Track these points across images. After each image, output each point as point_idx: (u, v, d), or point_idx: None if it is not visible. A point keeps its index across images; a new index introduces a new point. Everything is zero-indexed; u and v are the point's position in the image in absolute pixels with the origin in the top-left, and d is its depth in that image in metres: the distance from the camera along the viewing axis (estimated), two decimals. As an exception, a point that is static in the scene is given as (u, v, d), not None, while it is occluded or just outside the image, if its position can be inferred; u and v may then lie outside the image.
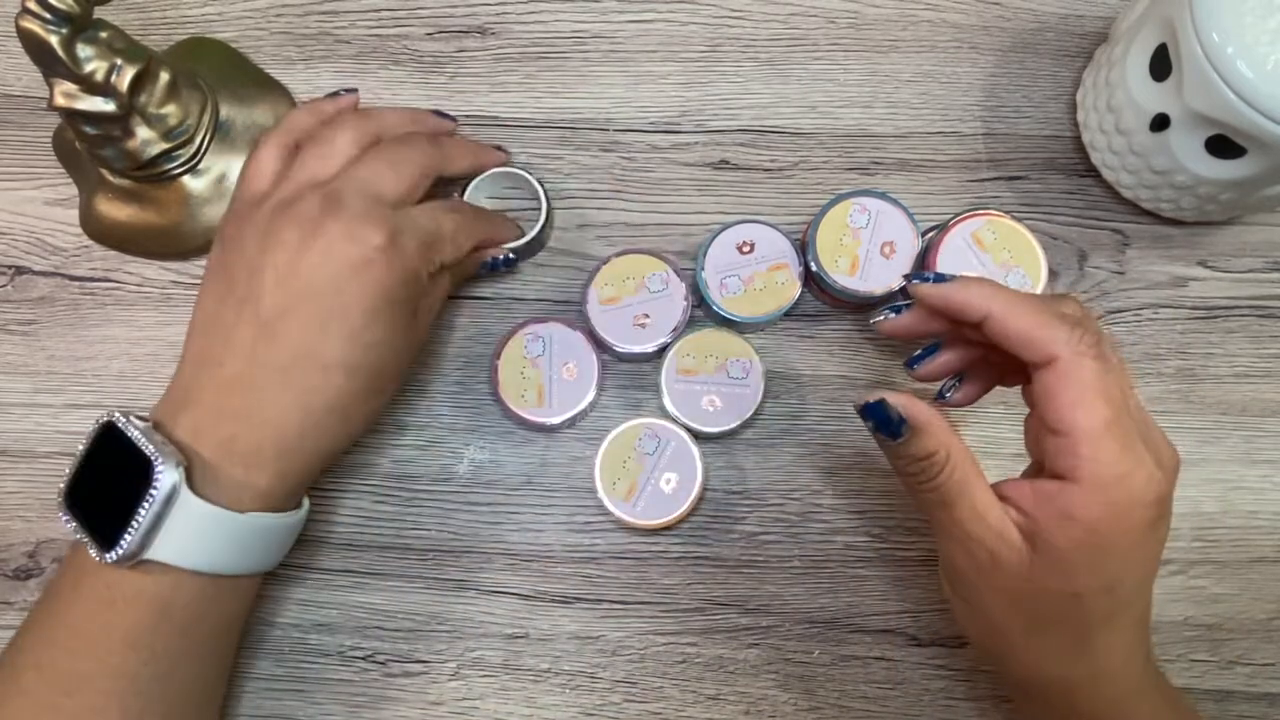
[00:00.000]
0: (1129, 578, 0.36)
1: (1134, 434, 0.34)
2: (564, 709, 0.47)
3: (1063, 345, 0.34)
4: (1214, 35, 0.40)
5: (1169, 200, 0.48)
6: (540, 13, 0.54)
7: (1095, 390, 0.34)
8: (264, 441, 0.39)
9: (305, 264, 0.39)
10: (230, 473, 0.38)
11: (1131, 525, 0.34)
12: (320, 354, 0.39)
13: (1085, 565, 0.35)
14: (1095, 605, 0.36)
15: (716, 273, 0.48)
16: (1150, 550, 0.36)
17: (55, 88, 0.45)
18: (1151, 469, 0.34)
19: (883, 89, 0.53)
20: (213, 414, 0.39)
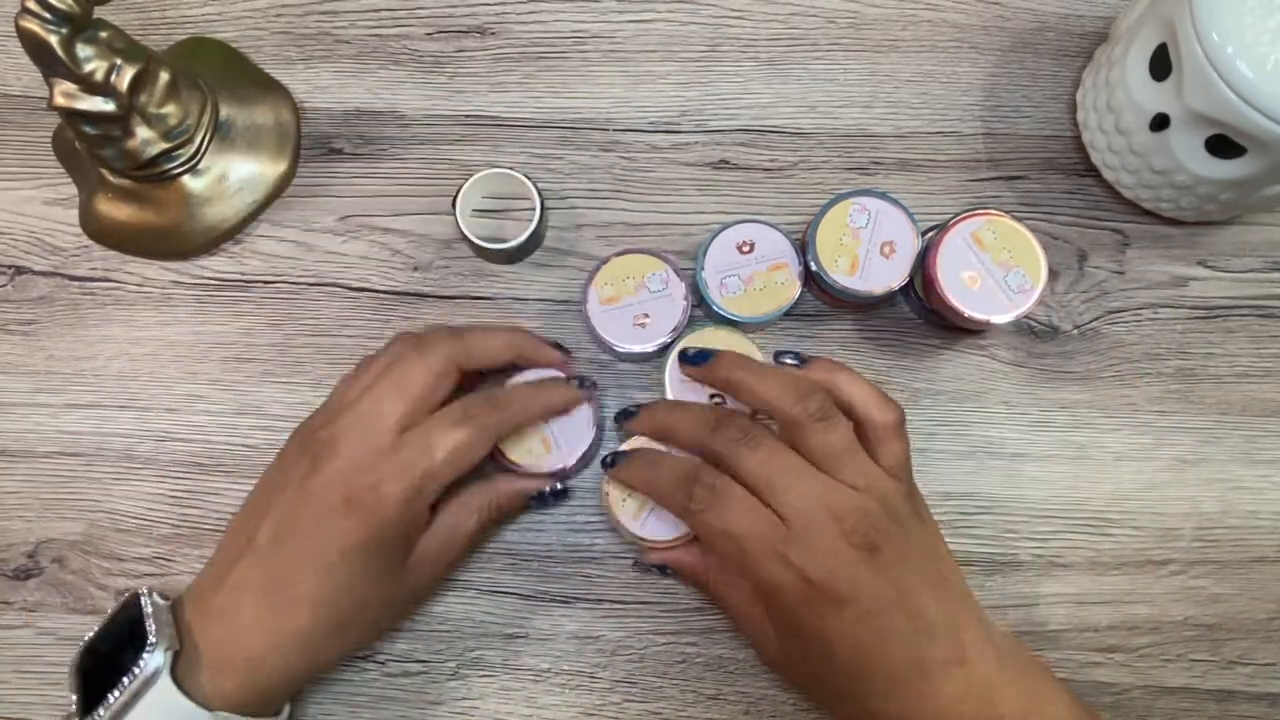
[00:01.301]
0: (840, 660, 0.39)
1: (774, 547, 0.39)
2: (564, 709, 0.47)
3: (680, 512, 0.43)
4: (1214, 35, 0.40)
5: (1169, 200, 0.48)
6: (540, 13, 0.54)
7: (716, 534, 0.41)
8: (236, 653, 0.40)
9: (300, 501, 0.41)
10: (207, 671, 0.39)
11: (807, 621, 0.39)
12: (293, 585, 0.40)
13: (798, 649, 0.41)
14: (829, 678, 0.40)
15: (716, 272, 0.48)
16: (857, 633, 0.39)
17: (55, 88, 0.45)
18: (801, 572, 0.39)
19: (883, 89, 0.53)
20: (208, 611, 0.41)
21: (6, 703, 0.48)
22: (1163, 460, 0.50)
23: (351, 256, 0.52)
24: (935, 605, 0.40)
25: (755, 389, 0.43)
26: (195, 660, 0.39)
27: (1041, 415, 0.50)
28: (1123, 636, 0.48)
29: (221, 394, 0.50)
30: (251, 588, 0.40)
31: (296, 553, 0.40)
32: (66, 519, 0.49)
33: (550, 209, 0.51)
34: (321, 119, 0.53)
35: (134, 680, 0.38)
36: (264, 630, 0.40)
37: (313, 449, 0.41)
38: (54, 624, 0.48)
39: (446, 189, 0.51)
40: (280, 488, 0.41)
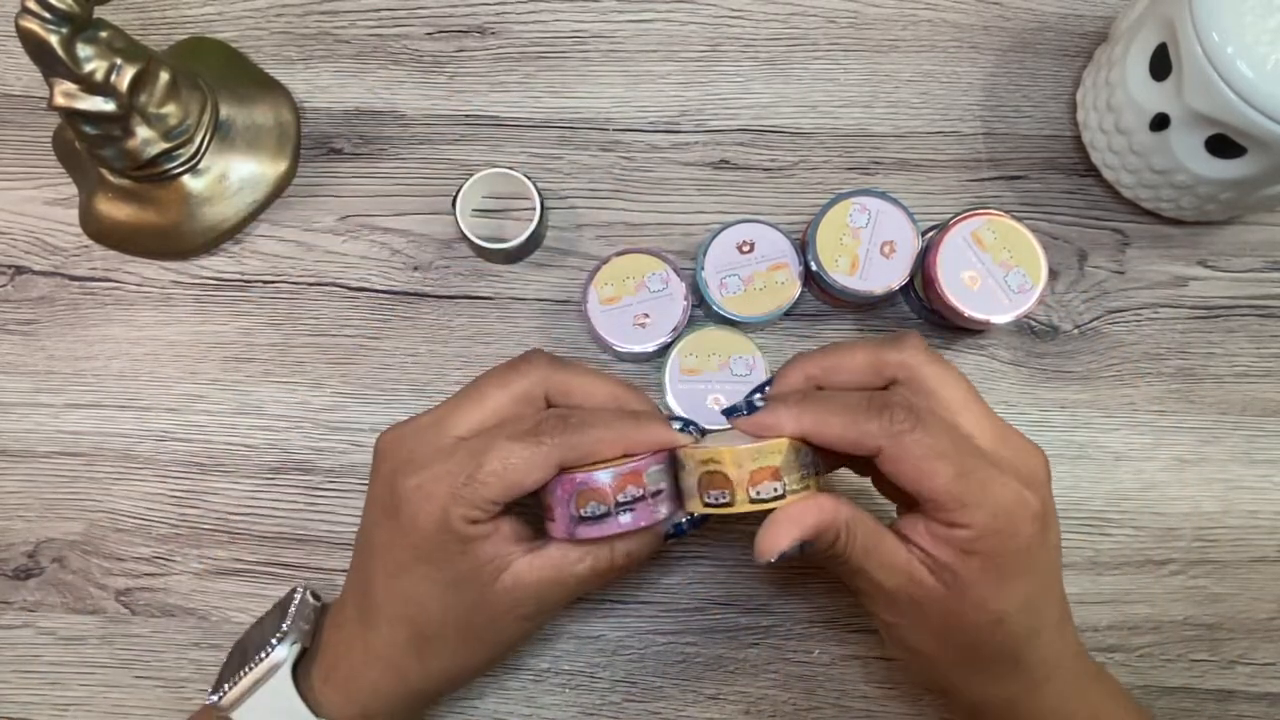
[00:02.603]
0: (1038, 592, 0.37)
1: (987, 468, 0.35)
2: (564, 708, 0.47)
3: (878, 437, 0.35)
4: (1214, 35, 0.40)
5: (1169, 200, 0.48)
6: (540, 12, 0.54)
7: (928, 458, 0.35)
8: (339, 661, 0.40)
9: (367, 503, 0.40)
10: (319, 677, 0.40)
11: (1021, 545, 0.36)
12: (371, 593, 0.39)
13: (996, 592, 0.36)
14: (1017, 625, 0.37)
15: (716, 272, 0.48)
16: (1047, 559, 0.37)
17: (55, 87, 0.45)
18: (1018, 490, 0.35)
19: (883, 89, 0.53)
20: (333, 619, 0.41)
21: (6, 703, 0.48)
22: (1163, 460, 0.50)
23: (351, 256, 0.52)
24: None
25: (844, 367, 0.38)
26: (314, 663, 0.40)
27: (1041, 415, 0.50)
28: (1123, 636, 0.48)
29: (221, 394, 0.50)
30: (351, 596, 0.41)
31: (369, 559, 0.39)
32: (66, 519, 0.49)
33: (550, 209, 0.51)
34: (321, 119, 0.53)
35: (256, 665, 0.39)
36: (357, 642, 0.39)
37: (379, 449, 0.40)
38: (54, 624, 0.48)
39: (446, 189, 0.51)
40: (368, 492, 0.41)
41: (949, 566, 0.36)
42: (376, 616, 0.39)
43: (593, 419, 0.37)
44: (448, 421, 0.38)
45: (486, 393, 0.39)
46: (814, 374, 0.39)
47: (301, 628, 0.40)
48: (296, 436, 0.50)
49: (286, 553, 0.49)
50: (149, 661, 0.48)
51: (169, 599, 0.49)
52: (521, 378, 0.39)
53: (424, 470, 0.37)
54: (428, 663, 0.39)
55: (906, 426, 0.35)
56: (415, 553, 0.37)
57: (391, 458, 0.39)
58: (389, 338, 0.51)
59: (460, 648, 0.39)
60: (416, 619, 0.38)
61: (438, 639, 0.39)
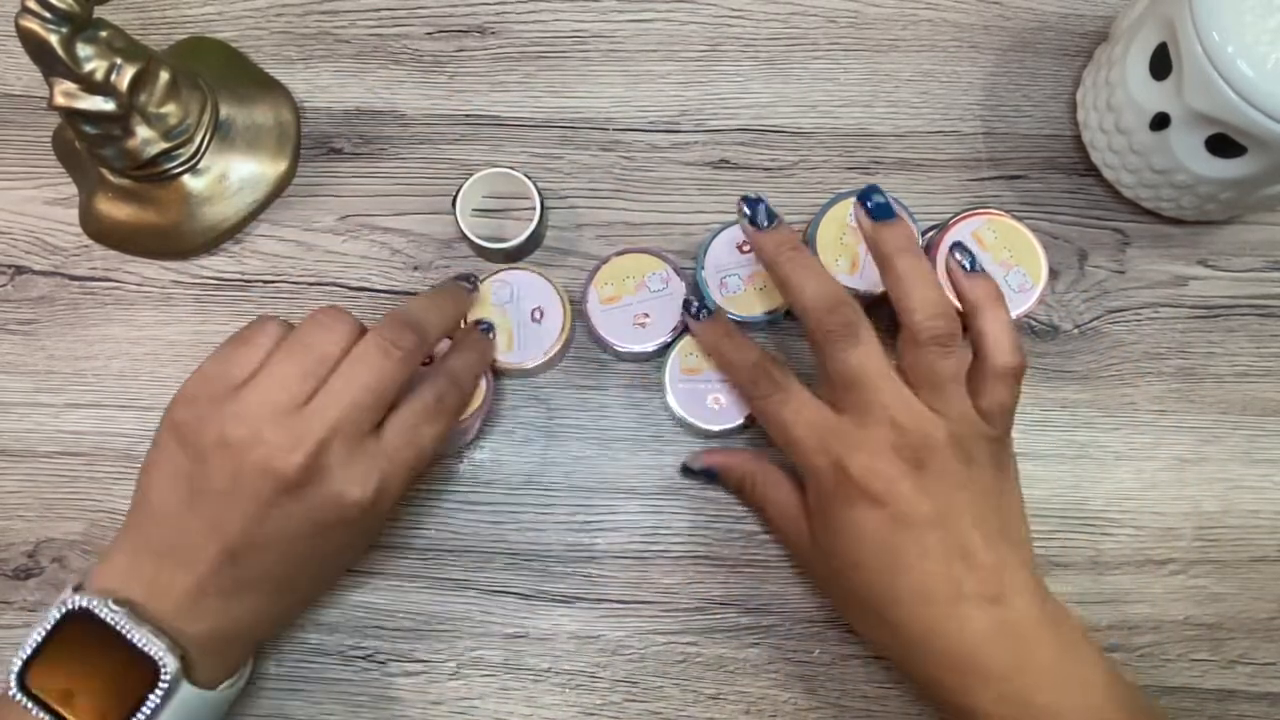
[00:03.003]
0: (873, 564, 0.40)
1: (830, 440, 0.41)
2: (564, 708, 0.47)
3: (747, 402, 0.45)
4: (1214, 34, 0.40)
5: (1169, 199, 0.48)
6: (540, 12, 0.54)
7: (772, 420, 0.43)
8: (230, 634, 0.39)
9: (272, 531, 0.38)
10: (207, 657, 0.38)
11: (845, 518, 0.40)
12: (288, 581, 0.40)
13: (831, 551, 0.41)
14: (858, 586, 0.40)
15: (717, 272, 0.48)
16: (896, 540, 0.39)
17: (55, 87, 0.45)
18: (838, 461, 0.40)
19: (883, 88, 0.53)
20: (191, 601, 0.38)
21: (6, 703, 0.48)
22: (1163, 460, 0.50)
23: (351, 256, 0.52)
24: (981, 541, 0.39)
25: (905, 285, 0.41)
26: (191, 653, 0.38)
27: (1042, 415, 0.50)
28: (1123, 636, 0.48)
29: (221, 394, 0.50)
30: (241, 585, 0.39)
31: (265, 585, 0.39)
32: (66, 519, 0.49)
33: (550, 209, 0.51)
34: (321, 119, 0.53)
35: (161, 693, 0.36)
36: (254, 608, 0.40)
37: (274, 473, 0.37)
38: (54, 624, 0.48)
39: (446, 189, 0.51)
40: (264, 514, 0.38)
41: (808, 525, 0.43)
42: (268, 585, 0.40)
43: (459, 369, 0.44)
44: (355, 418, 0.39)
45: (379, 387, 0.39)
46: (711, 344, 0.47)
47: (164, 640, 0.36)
48: (296, 436, 0.50)
49: (286, 553, 0.49)
50: (149, 661, 0.48)
51: (169, 599, 0.49)
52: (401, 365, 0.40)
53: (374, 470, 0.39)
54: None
55: (761, 394, 0.43)
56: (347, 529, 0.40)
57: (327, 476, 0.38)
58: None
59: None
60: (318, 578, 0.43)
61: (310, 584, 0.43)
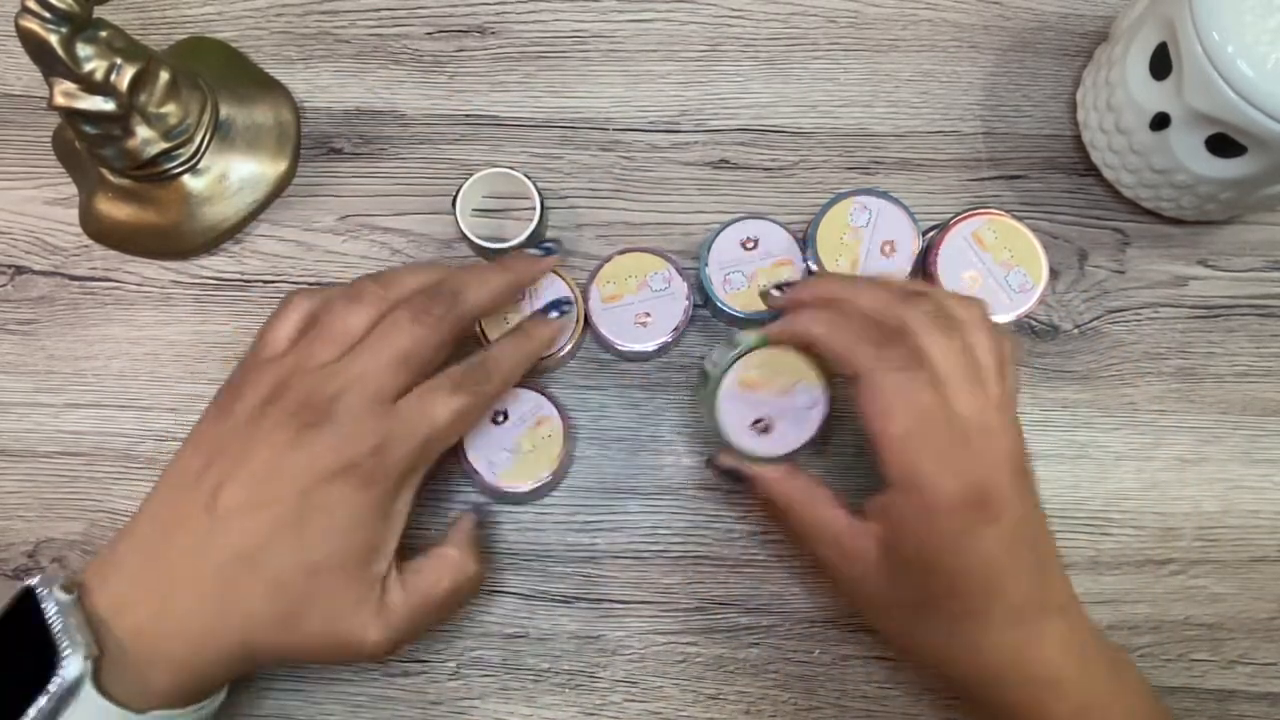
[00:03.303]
0: (969, 579, 0.37)
1: (945, 442, 0.36)
2: (564, 708, 0.47)
3: (864, 361, 0.37)
4: (1214, 34, 0.40)
5: (1169, 199, 0.48)
6: (540, 12, 0.54)
7: (896, 401, 0.36)
8: (173, 640, 0.36)
9: (282, 469, 0.37)
10: (133, 669, 0.35)
11: (952, 529, 0.36)
12: (257, 562, 0.36)
13: (920, 564, 0.37)
14: (943, 604, 0.38)
15: (720, 269, 0.48)
16: (993, 551, 0.37)
17: (55, 87, 0.45)
18: (966, 475, 0.36)
19: (883, 88, 0.53)
20: (134, 591, 0.36)
21: (6, 703, 0.48)
22: (1163, 460, 0.50)
23: (351, 256, 0.52)
24: (1051, 550, 0.39)
25: (855, 299, 0.39)
26: (119, 659, 0.35)
27: (1042, 415, 0.50)
28: (1123, 636, 0.48)
29: (221, 394, 0.50)
30: (204, 563, 0.36)
31: (269, 525, 0.36)
32: (66, 519, 0.49)
33: (550, 209, 0.51)
34: (321, 119, 0.53)
35: (50, 699, 0.33)
36: (207, 616, 0.36)
37: (294, 412, 0.37)
38: (54, 624, 0.48)
39: (446, 189, 0.51)
40: (245, 454, 0.37)
41: (887, 539, 0.38)
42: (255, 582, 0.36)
43: (500, 359, 0.41)
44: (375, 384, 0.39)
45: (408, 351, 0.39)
46: (826, 296, 0.41)
47: (82, 637, 0.34)
48: (296, 436, 0.50)
49: (286, 553, 0.49)
50: (149, 661, 0.48)
51: (169, 599, 0.49)
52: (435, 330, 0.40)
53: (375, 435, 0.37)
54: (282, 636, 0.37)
55: (894, 365, 0.37)
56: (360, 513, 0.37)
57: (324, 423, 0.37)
58: None
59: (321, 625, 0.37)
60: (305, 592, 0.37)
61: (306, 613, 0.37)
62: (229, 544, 0.36)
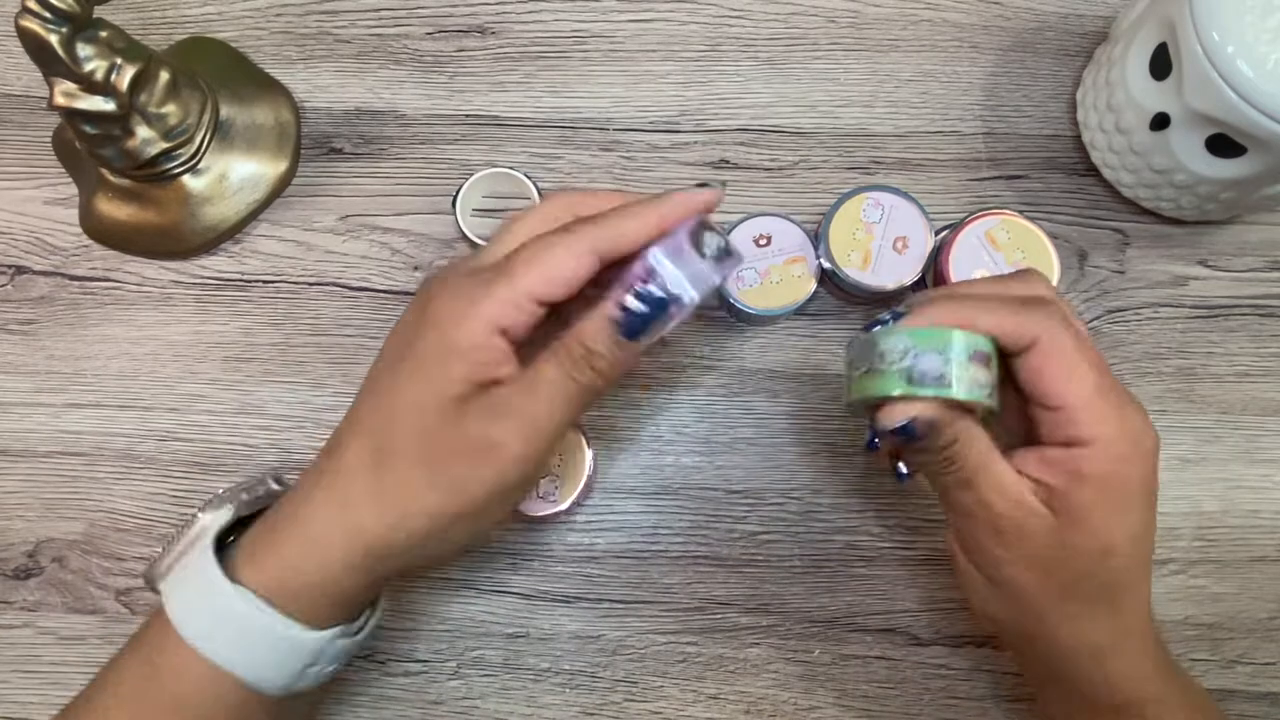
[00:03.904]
0: (1144, 532, 0.37)
1: (1121, 392, 0.36)
2: (564, 708, 0.47)
3: (1039, 326, 0.35)
4: (1214, 34, 0.40)
5: (1169, 199, 0.48)
6: (540, 12, 0.54)
7: (1079, 360, 0.35)
8: (281, 522, 0.36)
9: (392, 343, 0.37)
10: (249, 540, 0.37)
11: (1141, 474, 0.36)
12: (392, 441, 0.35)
13: (1108, 519, 0.36)
14: (1124, 560, 0.37)
15: None
16: (1152, 501, 0.37)
17: (55, 87, 0.45)
18: (1145, 421, 0.36)
19: (883, 88, 0.53)
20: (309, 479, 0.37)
21: (6, 702, 0.48)
22: (1163, 459, 0.49)
23: (351, 256, 0.52)
24: None
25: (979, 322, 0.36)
26: (255, 530, 0.37)
27: (1042, 415, 0.50)
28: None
29: (222, 394, 0.50)
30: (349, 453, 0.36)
31: (395, 406, 0.36)
32: (67, 519, 0.49)
33: (550, 209, 0.51)
34: (321, 119, 0.53)
35: (181, 536, 0.36)
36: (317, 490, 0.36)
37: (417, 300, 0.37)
38: (54, 624, 0.48)
39: (446, 189, 0.51)
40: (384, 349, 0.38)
41: (1062, 492, 0.35)
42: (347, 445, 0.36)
43: (620, 208, 0.36)
44: (477, 258, 0.37)
45: (514, 227, 0.38)
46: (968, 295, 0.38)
47: (240, 497, 0.37)
48: (297, 436, 0.50)
49: (287, 553, 0.49)
50: (149, 661, 0.48)
51: (169, 599, 0.49)
52: (547, 204, 0.38)
53: (456, 288, 0.35)
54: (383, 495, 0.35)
55: (1064, 326, 0.35)
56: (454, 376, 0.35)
57: (422, 297, 0.37)
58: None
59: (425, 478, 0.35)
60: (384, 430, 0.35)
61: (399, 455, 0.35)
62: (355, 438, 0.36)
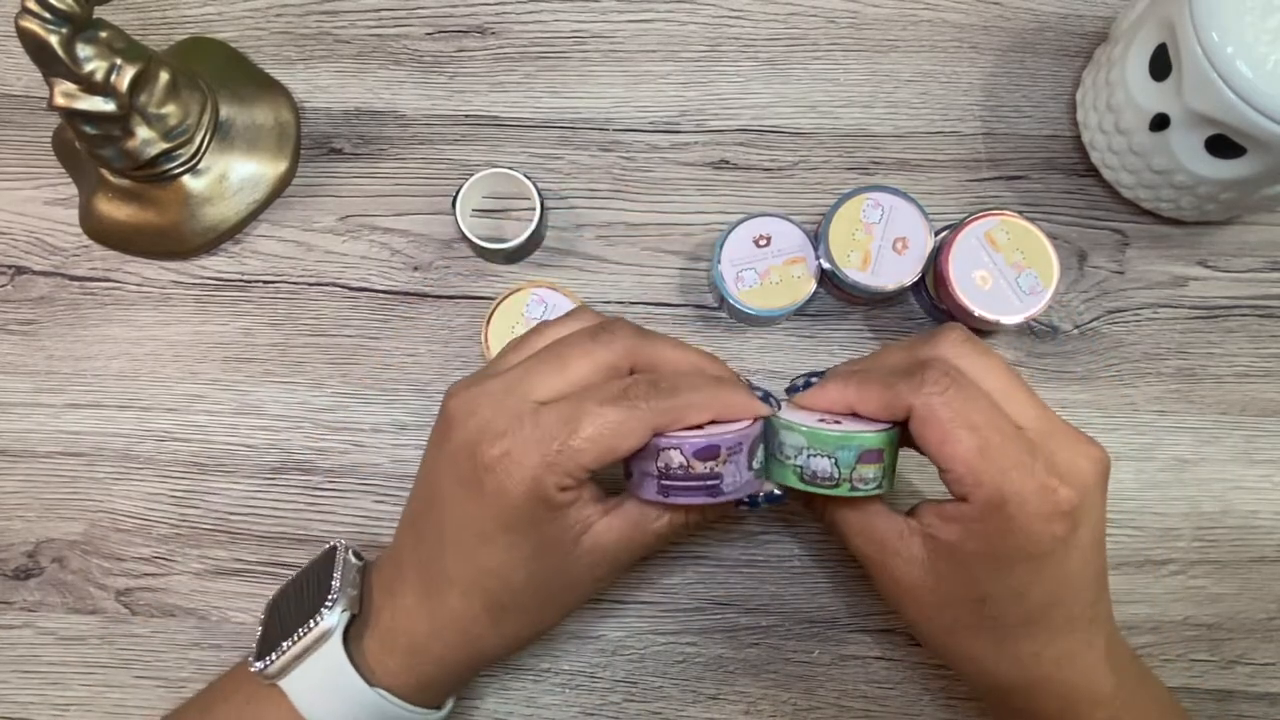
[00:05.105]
0: (1039, 588, 0.36)
1: (1016, 452, 0.35)
2: (564, 708, 0.47)
3: (909, 395, 0.36)
4: (1213, 35, 0.40)
5: (1169, 200, 0.48)
6: (540, 12, 0.54)
7: (953, 423, 0.35)
8: (399, 631, 0.38)
9: (435, 471, 0.38)
10: (374, 644, 0.38)
11: (1035, 538, 0.35)
12: (439, 565, 0.38)
13: (987, 574, 0.36)
14: (1004, 611, 0.37)
15: (733, 265, 0.48)
16: (1069, 561, 0.36)
17: (55, 88, 0.45)
18: (1044, 482, 0.35)
19: (883, 89, 0.53)
20: (383, 579, 0.40)
21: (6, 702, 0.48)
22: (1162, 460, 0.50)
23: (351, 256, 0.52)
24: (1104, 562, 0.38)
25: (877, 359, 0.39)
26: (367, 630, 0.38)
27: (1041, 415, 0.50)
28: (1123, 637, 0.48)
29: (222, 394, 0.50)
30: (410, 565, 0.39)
31: (440, 529, 0.37)
32: (66, 519, 0.49)
33: (550, 209, 0.51)
34: (321, 119, 0.53)
35: (307, 634, 0.37)
36: (421, 612, 0.38)
37: (448, 415, 0.37)
38: (54, 624, 0.48)
39: (446, 189, 0.51)
40: (426, 459, 0.39)
41: (949, 542, 0.36)
42: (447, 589, 0.37)
43: (682, 382, 0.37)
44: (525, 385, 0.36)
45: (570, 360, 0.37)
46: (853, 366, 0.41)
47: (350, 593, 0.38)
48: (297, 436, 0.50)
49: (287, 553, 0.49)
50: (149, 661, 0.48)
51: (169, 599, 0.49)
52: (607, 349, 0.37)
53: (508, 437, 0.35)
54: (502, 630, 0.39)
55: (938, 389, 0.35)
56: (500, 522, 0.36)
57: (465, 425, 0.36)
58: (389, 338, 0.51)
59: (536, 612, 0.39)
60: (494, 589, 0.37)
61: (515, 606, 0.38)
62: (420, 551, 0.39)
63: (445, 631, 0.38)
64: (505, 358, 0.39)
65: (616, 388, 0.36)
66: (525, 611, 0.39)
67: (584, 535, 0.37)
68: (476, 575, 0.37)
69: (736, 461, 0.36)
